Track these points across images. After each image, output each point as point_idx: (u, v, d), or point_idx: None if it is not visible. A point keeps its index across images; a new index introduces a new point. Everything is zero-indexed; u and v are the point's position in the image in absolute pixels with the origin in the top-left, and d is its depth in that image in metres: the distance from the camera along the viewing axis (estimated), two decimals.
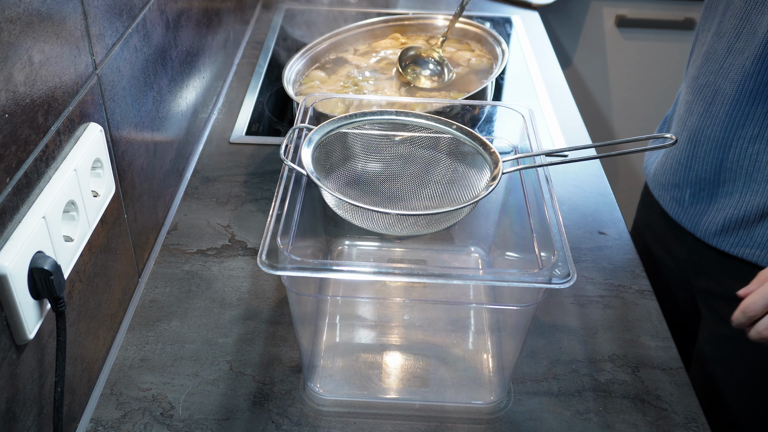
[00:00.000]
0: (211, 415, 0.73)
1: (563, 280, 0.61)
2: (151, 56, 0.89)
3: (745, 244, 0.92)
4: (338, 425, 0.73)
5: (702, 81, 0.94)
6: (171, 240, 0.96)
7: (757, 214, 0.90)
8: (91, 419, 0.72)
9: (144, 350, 0.80)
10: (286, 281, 0.67)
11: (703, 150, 0.94)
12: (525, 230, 0.72)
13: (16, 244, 0.55)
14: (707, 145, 0.93)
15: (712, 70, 0.92)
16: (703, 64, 0.94)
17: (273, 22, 1.58)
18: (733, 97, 0.89)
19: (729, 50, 0.89)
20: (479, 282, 0.65)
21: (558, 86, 1.38)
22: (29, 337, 0.58)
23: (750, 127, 0.88)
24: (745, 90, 0.87)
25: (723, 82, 0.90)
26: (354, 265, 0.65)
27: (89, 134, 0.69)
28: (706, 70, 0.93)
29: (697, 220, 0.98)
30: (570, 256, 0.63)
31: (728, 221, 0.93)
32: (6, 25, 0.54)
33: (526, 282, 0.62)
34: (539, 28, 1.63)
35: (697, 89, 0.95)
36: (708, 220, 0.96)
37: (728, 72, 0.89)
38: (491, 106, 1.05)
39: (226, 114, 1.24)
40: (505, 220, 0.87)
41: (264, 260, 0.61)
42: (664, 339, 0.84)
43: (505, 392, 0.76)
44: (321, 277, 0.64)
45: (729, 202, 0.93)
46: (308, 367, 0.77)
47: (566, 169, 1.13)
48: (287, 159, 0.71)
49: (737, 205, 0.92)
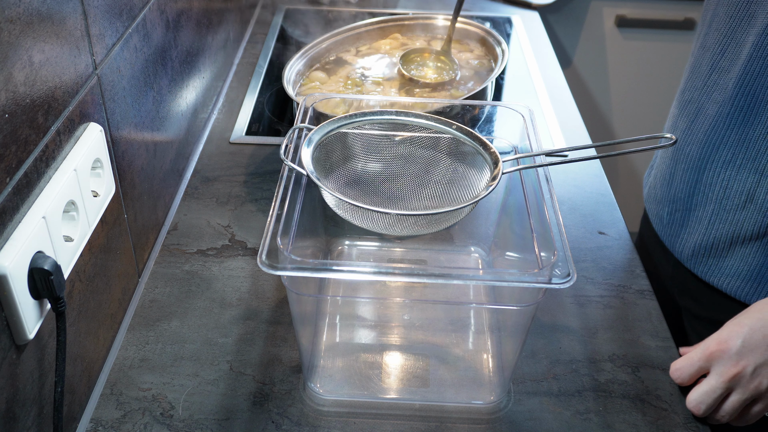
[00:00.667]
0: (211, 415, 0.73)
1: (563, 280, 0.61)
2: (151, 56, 0.89)
3: (714, 274, 0.89)
4: (338, 425, 0.73)
5: (687, 96, 0.91)
6: (171, 240, 0.96)
7: (725, 243, 0.87)
8: (91, 419, 0.72)
9: (144, 350, 0.80)
10: (286, 281, 0.67)
11: (682, 168, 0.91)
12: (525, 230, 0.73)
13: (16, 244, 0.55)
14: (685, 164, 0.90)
15: (696, 85, 0.89)
16: (689, 78, 0.92)
17: (273, 22, 1.58)
18: (713, 117, 0.85)
19: (713, 67, 0.86)
20: (479, 282, 0.65)
21: (558, 86, 1.38)
22: (29, 337, 0.58)
23: (724, 151, 0.85)
24: (723, 112, 0.84)
25: (706, 101, 0.87)
26: (354, 265, 0.65)
27: (89, 134, 0.69)
28: (692, 85, 0.90)
29: (674, 240, 0.95)
30: (570, 256, 0.63)
31: (698, 246, 0.90)
32: (6, 25, 0.54)
33: (526, 282, 0.62)
34: (539, 28, 1.63)
35: (683, 104, 0.92)
36: (682, 243, 0.94)
37: (712, 90, 0.86)
38: (491, 106, 1.05)
39: (226, 114, 1.24)
40: (505, 220, 0.87)
41: (264, 260, 0.61)
42: (664, 339, 0.84)
43: (505, 392, 0.76)
44: (321, 277, 0.64)
45: (699, 227, 0.90)
46: (308, 367, 0.77)
47: (566, 169, 1.13)
48: (287, 159, 0.71)
49: (706, 232, 0.89)
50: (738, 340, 0.71)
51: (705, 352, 0.73)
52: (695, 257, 0.91)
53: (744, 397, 0.72)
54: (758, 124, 0.81)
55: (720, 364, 0.72)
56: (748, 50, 0.80)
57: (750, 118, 0.81)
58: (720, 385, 0.71)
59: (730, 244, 0.86)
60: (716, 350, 0.72)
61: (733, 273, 0.87)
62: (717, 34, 0.85)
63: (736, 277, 0.87)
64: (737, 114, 0.82)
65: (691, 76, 0.91)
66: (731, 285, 0.88)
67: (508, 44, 1.30)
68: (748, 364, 0.71)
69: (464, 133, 0.75)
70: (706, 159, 0.87)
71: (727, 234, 0.86)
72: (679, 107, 0.94)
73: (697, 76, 0.89)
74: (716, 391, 0.72)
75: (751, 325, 0.72)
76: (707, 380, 0.73)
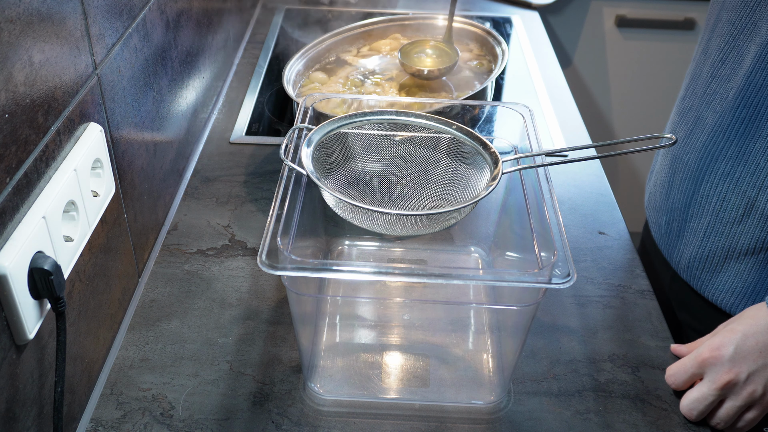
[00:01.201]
0: (211, 415, 0.73)
1: (563, 280, 0.61)
2: (151, 56, 0.89)
3: (709, 288, 0.88)
4: (338, 425, 0.73)
5: (687, 104, 0.89)
6: (171, 240, 0.96)
7: (721, 257, 0.85)
8: (91, 419, 0.72)
9: (144, 350, 0.80)
10: (286, 281, 0.67)
11: (679, 178, 0.90)
12: (525, 230, 0.73)
13: (16, 244, 0.55)
14: (683, 174, 0.89)
15: (696, 93, 0.87)
16: (689, 85, 0.90)
17: (273, 22, 1.58)
18: (712, 128, 0.83)
19: (713, 75, 0.84)
20: (479, 282, 0.65)
21: (558, 86, 1.38)
22: (29, 337, 0.58)
23: (722, 163, 0.83)
24: (723, 123, 0.82)
25: (705, 110, 0.85)
26: (354, 265, 0.65)
27: (89, 134, 0.69)
28: (692, 92, 0.88)
29: (671, 250, 0.94)
30: (570, 256, 0.63)
31: (693, 258, 0.89)
32: (6, 25, 0.54)
33: (526, 282, 0.62)
34: (539, 28, 1.63)
35: (683, 112, 0.90)
36: (678, 253, 0.92)
37: (711, 99, 0.84)
38: (491, 106, 1.05)
39: (226, 114, 1.24)
40: (505, 220, 0.87)
41: (264, 260, 0.61)
42: (664, 339, 0.84)
43: (505, 392, 0.76)
44: (321, 277, 0.65)
45: (694, 239, 0.89)
46: (308, 367, 0.77)
47: (566, 169, 1.13)
48: (287, 159, 0.71)
49: (701, 244, 0.87)
50: (731, 347, 0.71)
51: (698, 359, 0.73)
52: (690, 269, 0.90)
53: (738, 404, 0.71)
54: (759, 137, 0.79)
55: (713, 371, 0.72)
56: (751, 60, 0.78)
57: (750, 130, 0.79)
58: (712, 392, 0.71)
59: (725, 258, 0.85)
60: (709, 357, 0.72)
61: (728, 288, 0.86)
62: (719, 41, 0.83)
63: (731, 292, 0.86)
64: (737, 125, 0.80)
65: (692, 82, 0.89)
66: (726, 300, 0.87)
67: (508, 44, 1.29)
68: (741, 371, 0.70)
69: (464, 133, 0.75)
70: (703, 170, 0.86)
71: (723, 247, 0.85)
72: (678, 114, 0.92)
73: (697, 82, 0.87)
74: (708, 398, 0.72)
75: (743, 331, 0.72)
76: (700, 386, 0.73)
